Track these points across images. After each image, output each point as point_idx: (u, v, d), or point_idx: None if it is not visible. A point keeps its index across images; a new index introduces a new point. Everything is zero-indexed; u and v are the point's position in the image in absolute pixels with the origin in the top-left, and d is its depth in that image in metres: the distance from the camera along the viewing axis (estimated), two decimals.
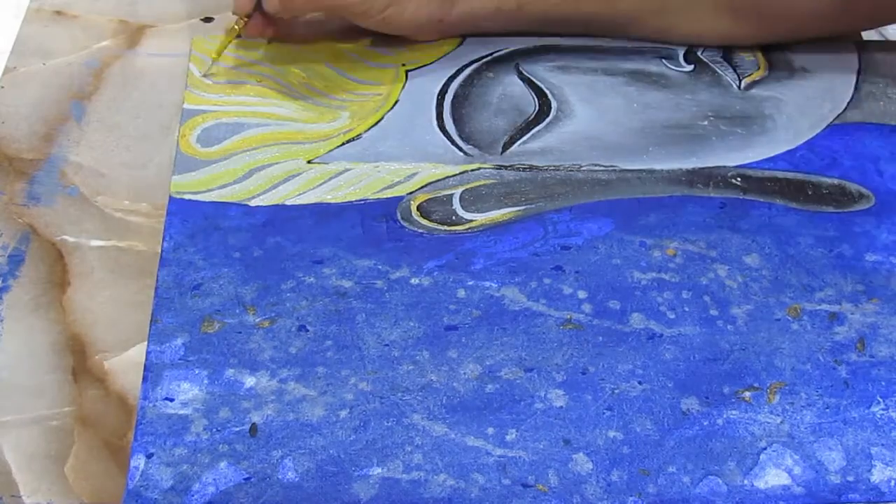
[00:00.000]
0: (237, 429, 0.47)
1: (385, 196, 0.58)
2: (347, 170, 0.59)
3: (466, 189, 0.59)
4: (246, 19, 0.63)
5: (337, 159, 0.60)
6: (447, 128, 0.62)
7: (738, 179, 0.60)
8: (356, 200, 0.58)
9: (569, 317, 0.53)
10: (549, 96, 0.65)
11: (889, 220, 0.59)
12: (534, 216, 0.58)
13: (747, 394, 0.50)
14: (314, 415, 0.48)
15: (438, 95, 0.64)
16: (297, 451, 0.47)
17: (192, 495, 0.45)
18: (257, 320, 0.52)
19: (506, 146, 0.62)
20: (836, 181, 0.61)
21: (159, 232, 0.56)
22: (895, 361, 0.52)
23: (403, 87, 0.65)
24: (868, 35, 0.72)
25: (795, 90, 0.66)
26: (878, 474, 0.47)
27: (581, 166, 0.61)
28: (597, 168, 0.61)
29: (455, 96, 0.64)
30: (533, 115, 0.64)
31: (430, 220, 0.57)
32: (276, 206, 0.57)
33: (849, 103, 0.66)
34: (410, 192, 0.58)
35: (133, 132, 0.61)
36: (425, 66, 0.67)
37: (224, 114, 0.62)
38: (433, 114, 0.63)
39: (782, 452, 0.48)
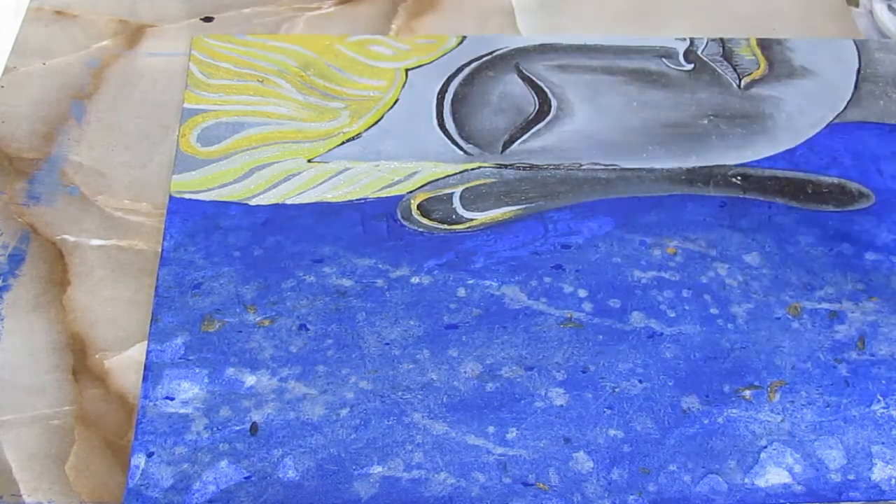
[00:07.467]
0: (238, 427, 0.47)
1: (385, 195, 0.58)
2: (347, 169, 0.59)
3: (467, 188, 0.59)
4: None
5: (337, 158, 0.60)
6: (447, 127, 0.62)
7: (739, 178, 0.60)
8: (356, 199, 0.58)
9: (569, 315, 0.53)
10: (550, 95, 0.65)
11: (889, 219, 0.59)
12: (534, 215, 0.58)
13: (748, 392, 0.50)
14: (315, 413, 0.48)
15: (438, 94, 0.64)
16: (297, 450, 0.47)
17: (193, 494, 0.45)
18: (257, 319, 0.52)
19: (506, 145, 0.62)
20: (835, 180, 0.61)
21: (159, 231, 0.56)
22: (895, 360, 0.52)
23: (403, 86, 0.65)
24: (868, 35, 0.72)
25: (795, 90, 0.66)
26: (879, 472, 0.47)
27: (581, 165, 0.61)
28: (597, 167, 0.61)
29: (455, 95, 0.64)
30: (533, 114, 0.64)
31: (431, 219, 0.57)
32: (277, 205, 0.57)
33: (849, 103, 0.66)
34: (411, 191, 0.58)
35: (133, 132, 0.61)
36: (425, 65, 0.67)
37: (224, 113, 0.62)
38: (433, 113, 0.63)
39: (783, 451, 0.48)
